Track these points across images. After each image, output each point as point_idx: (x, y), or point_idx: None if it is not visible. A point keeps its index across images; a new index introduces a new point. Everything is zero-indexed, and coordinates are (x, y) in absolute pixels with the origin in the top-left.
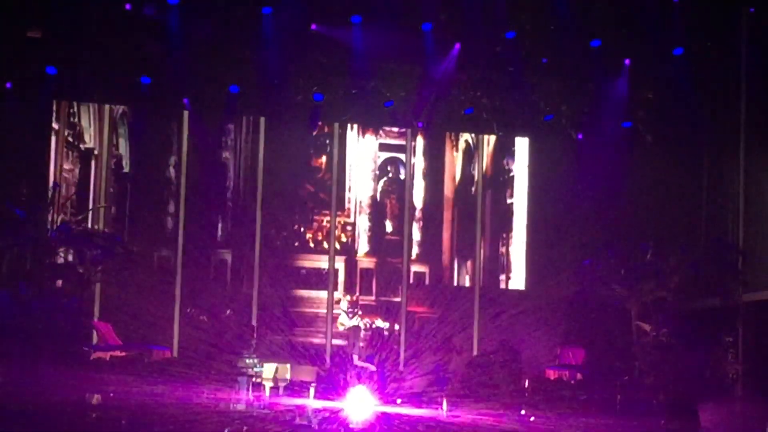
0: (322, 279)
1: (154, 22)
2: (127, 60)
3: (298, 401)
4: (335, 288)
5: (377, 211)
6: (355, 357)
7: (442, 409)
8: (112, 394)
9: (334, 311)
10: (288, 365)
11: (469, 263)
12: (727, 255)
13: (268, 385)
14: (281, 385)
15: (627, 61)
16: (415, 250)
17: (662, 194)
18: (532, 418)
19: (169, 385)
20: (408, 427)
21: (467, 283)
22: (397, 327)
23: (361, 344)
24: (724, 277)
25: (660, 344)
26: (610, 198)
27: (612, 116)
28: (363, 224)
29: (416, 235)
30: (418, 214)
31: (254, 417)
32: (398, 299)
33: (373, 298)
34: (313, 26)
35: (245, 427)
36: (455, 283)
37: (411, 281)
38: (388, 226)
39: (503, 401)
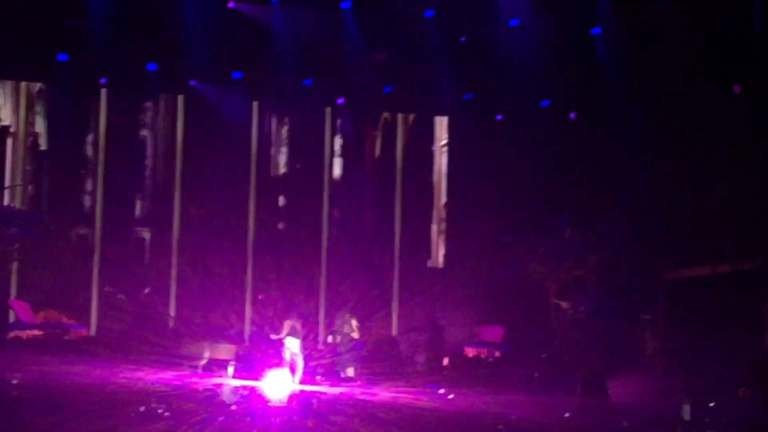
0: (242, 256)
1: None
2: (44, 36)
3: (217, 380)
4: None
5: (298, 188)
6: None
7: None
8: (30, 374)
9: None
10: (207, 344)
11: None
12: (647, 233)
13: (187, 363)
14: (200, 363)
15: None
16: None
17: (584, 172)
18: (451, 396)
19: (88, 364)
20: (326, 405)
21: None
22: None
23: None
24: (644, 255)
25: (578, 322)
26: (530, 177)
27: (531, 95)
28: (281, 202)
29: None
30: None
31: (172, 396)
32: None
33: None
34: (231, 4)
35: (163, 406)
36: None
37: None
38: (307, 205)
39: (422, 379)
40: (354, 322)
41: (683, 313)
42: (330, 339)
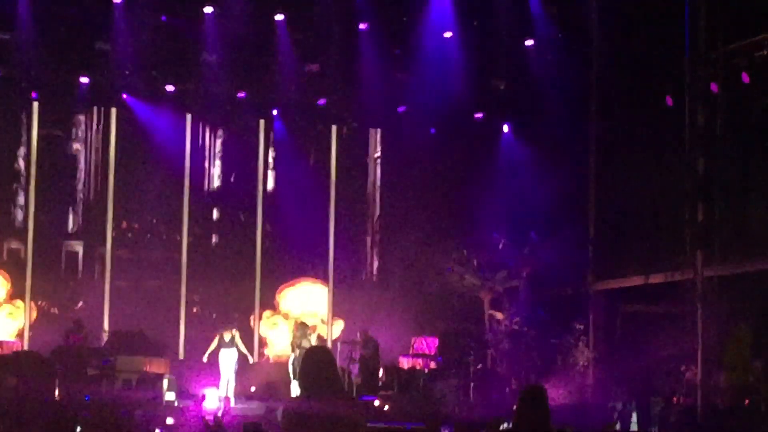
0: (176, 270)
1: (2, 13)
2: None
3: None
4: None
5: (231, 201)
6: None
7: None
8: None
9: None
10: (143, 358)
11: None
12: (578, 245)
13: (121, 377)
14: (134, 377)
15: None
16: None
17: (515, 186)
18: (386, 407)
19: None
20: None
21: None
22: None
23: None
24: (575, 266)
25: (512, 332)
26: (463, 190)
27: (464, 108)
28: (215, 215)
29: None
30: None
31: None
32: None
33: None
34: (163, 18)
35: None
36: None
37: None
38: (241, 217)
39: (358, 390)
40: (314, 336)
41: (616, 323)
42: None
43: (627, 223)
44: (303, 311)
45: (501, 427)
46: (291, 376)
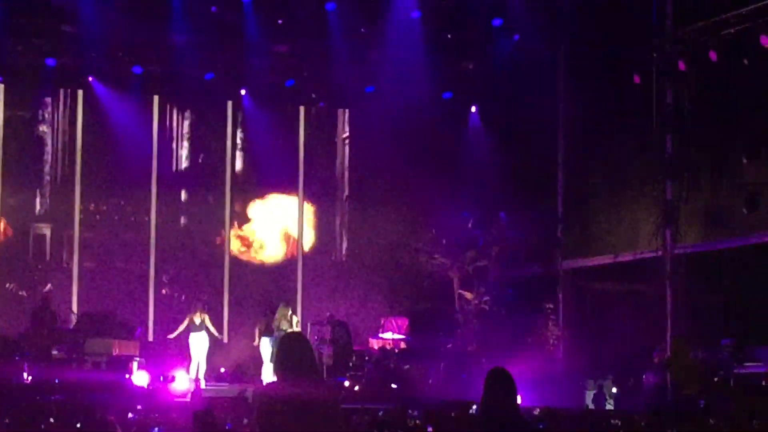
0: (145, 252)
1: None
2: None
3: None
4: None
5: (200, 183)
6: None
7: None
8: None
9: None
10: (112, 340)
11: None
12: (547, 224)
13: (90, 360)
14: (103, 360)
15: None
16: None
17: (486, 165)
18: (357, 387)
19: None
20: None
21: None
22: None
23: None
24: (544, 245)
25: (482, 312)
26: (431, 169)
27: (432, 88)
28: (183, 196)
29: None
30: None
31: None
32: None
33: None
34: None
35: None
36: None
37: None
38: (209, 198)
39: (327, 372)
40: (295, 319)
41: (585, 302)
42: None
43: (595, 201)
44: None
45: (470, 410)
46: (264, 358)
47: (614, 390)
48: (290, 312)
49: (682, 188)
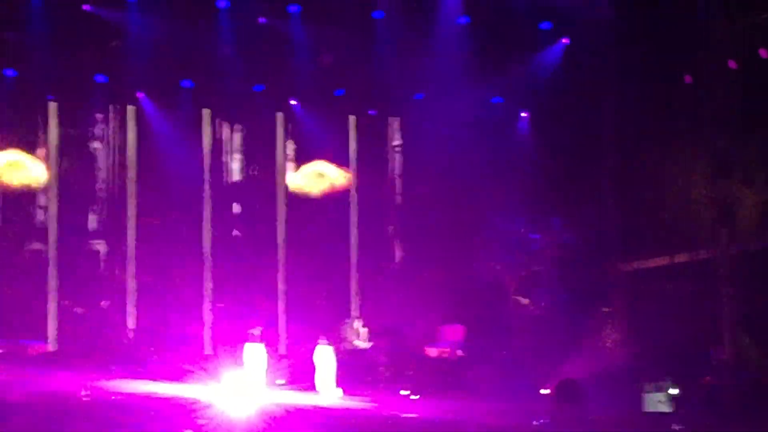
0: (199, 264)
1: (14, 12)
2: None
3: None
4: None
5: (252, 195)
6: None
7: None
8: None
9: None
10: None
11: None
12: (602, 227)
13: None
14: None
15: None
16: None
17: (537, 169)
18: (417, 396)
19: (57, 379)
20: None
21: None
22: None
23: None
24: (600, 248)
25: (538, 317)
26: (485, 174)
27: (483, 94)
28: (236, 209)
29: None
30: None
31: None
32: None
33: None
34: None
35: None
36: None
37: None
38: (262, 211)
39: (386, 384)
40: (363, 331)
41: (642, 305)
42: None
43: (650, 203)
44: None
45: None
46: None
47: (673, 392)
48: (358, 323)
49: (736, 187)
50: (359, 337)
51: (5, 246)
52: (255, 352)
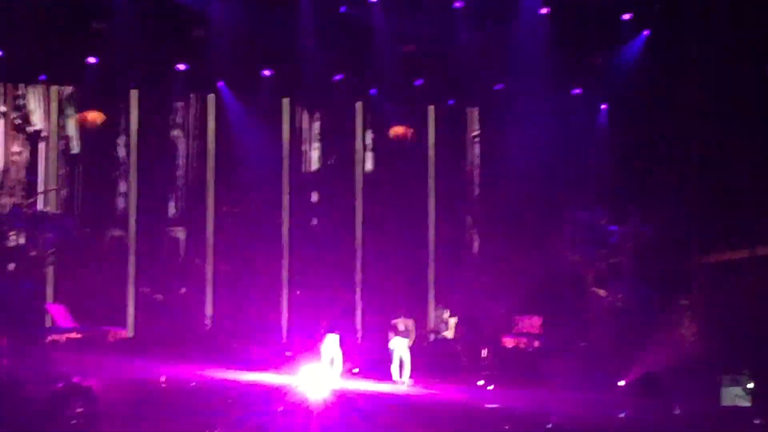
0: (278, 253)
1: (99, 1)
2: (72, 39)
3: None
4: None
5: (331, 184)
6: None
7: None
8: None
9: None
10: None
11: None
12: (681, 219)
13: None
14: None
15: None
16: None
17: (616, 159)
18: (491, 387)
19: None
20: (364, 402)
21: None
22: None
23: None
24: (679, 241)
25: (616, 309)
26: (565, 165)
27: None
28: (314, 198)
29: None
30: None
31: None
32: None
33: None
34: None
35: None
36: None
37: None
38: (340, 200)
39: (462, 373)
40: (452, 321)
41: (721, 297)
42: (431, 337)
43: (730, 195)
44: None
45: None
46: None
47: (751, 385)
48: (447, 314)
49: None
50: (447, 327)
51: (86, 232)
52: (332, 341)
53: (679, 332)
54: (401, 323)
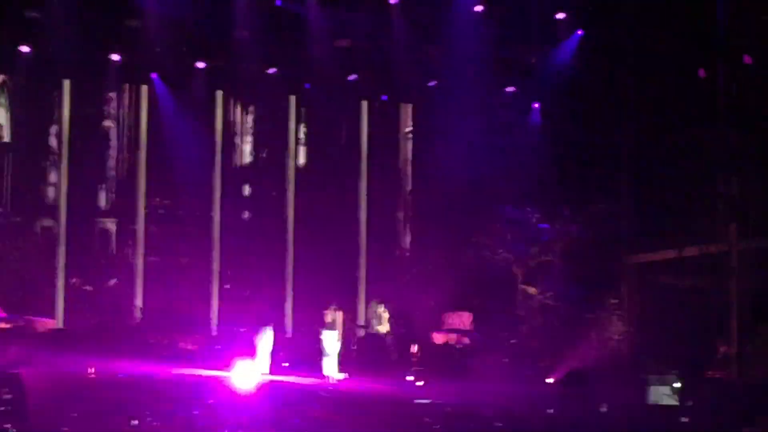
0: (208, 246)
1: None
2: (5, 28)
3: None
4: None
5: (263, 177)
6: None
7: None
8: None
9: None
10: None
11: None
12: (611, 219)
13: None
14: None
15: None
16: None
17: (549, 159)
18: (420, 382)
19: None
20: (294, 395)
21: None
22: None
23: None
24: (608, 240)
25: (545, 307)
26: (495, 164)
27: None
28: (246, 191)
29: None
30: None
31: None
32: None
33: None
34: None
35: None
36: None
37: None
38: (272, 193)
39: (392, 368)
40: (385, 316)
41: (649, 297)
42: (361, 333)
43: (660, 196)
44: None
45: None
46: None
47: (677, 385)
48: (382, 308)
49: (747, 182)
50: (381, 322)
51: (16, 222)
52: (265, 335)
53: (608, 331)
54: (330, 316)
